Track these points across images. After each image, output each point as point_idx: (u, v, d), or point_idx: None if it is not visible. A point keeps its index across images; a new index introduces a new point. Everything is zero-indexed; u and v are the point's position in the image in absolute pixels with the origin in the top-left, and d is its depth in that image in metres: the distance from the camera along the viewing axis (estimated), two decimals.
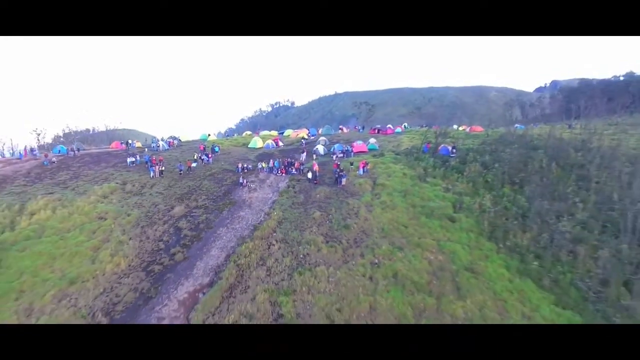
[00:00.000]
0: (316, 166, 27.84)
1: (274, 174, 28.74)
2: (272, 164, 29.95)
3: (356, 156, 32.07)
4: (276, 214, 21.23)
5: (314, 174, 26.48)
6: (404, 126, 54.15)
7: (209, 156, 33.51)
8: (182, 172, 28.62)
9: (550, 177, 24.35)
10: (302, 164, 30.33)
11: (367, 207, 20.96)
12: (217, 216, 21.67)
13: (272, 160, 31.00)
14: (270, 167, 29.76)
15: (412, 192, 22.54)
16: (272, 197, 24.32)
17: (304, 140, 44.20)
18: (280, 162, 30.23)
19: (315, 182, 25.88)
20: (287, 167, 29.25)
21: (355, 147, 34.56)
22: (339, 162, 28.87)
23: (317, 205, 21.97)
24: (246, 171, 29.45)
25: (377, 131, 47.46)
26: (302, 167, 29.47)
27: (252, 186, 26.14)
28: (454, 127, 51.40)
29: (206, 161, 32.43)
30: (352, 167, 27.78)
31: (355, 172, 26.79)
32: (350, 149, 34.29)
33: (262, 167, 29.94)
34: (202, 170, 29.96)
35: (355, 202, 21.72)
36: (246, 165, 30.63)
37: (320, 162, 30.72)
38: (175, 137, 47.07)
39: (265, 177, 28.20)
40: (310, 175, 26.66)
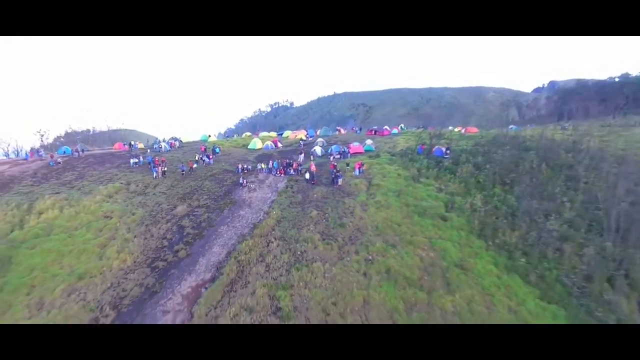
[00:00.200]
0: (314, 167, 28.35)
1: (273, 175, 29.25)
2: (271, 165, 30.46)
3: (353, 157, 32.58)
4: (275, 213, 21.75)
5: (312, 174, 26.95)
6: (401, 127, 54.65)
7: (210, 157, 34.07)
8: (184, 173, 29.23)
9: (540, 178, 24.88)
10: (300, 165, 30.80)
11: (362, 207, 21.55)
12: (218, 215, 22.25)
13: (271, 161, 31.50)
14: (269, 168, 30.30)
15: (406, 192, 23.10)
16: (271, 196, 24.82)
17: (302, 141, 44.71)
18: (279, 163, 30.71)
19: (312, 182, 26.35)
20: (285, 168, 29.77)
21: (351, 149, 35.06)
22: (336, 163, 29.38)
23: (314, 204, 22.53)
24: (246, 172, 29.99)
25: (373, 132, 47.89)
26: (300, 167, 29.94)
27: (252, 186, 26.68)
28: (449, 128, 52.00)
29: (207, 162, 32.99)
30: (349, 167, 28.24)
31: (351, 172, 27.33)
32: (347, 150, 34.77)
33: (262, 168, 30.49)
34: (204, 170, 30.56)
35: (350, 201, 22.31)
36: (246, 166, 31.19)
37: (317, 163, 31.24)
38: (176, 138, 47.62)
39: (264, 177, 28.75)
40: (307, 175, 27.11)
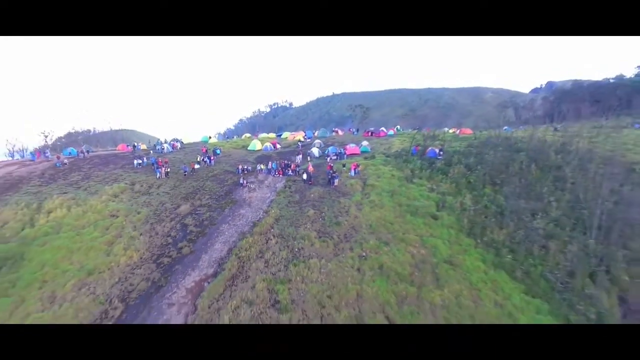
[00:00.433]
0: (311, 168, 28.98)
1: (272, 175, 29.89)
2: (270, 166, 31.10)
3: (349, 158, 33.31)
4: (274, 212, 22.39)
5: (309, 175, 27.55)
6: (397, 129, 55.40)
7: (211, 158, 34.68)
8: (186, 174, 29.95)
9: (529, 178, 25.57)
10: (298, 166, 31.53)
11: (357, 206, 22.25)
12: (219, 214, 22.97)
13: (270, 162, 32.12)
14: (268, 169, 30.94)
15: (399, 192, 23.83)
16: (270, 196, 25.43)
17: (300, 142, 45.35)
18: (277, 164, 31.36)
19: (310, 182, 26.98)
20: (284, 169, 30.45)
21: (348, 150, 35.74)
22: (332, 164, 30.07)
23: (311, 204, 23.20)
24: (246, 172, 30.62)
25: (370, 134, 48.58)
26: (298, 168, 30.64)
27: (252, 186, 27.32)
28: (444, 129, 52.71)
29: (208, 163, 33.64)
30: (345, 168, 28.92)
31: (347, 173, 28.00)
32: (343, 151, 35.43)
33: (261, 169, 31.17)
34: (205, 171, 31.22)
35: (346, 201, 23.00)
36: (246, 167, 31.81)
37: (315, 164, 31.89)
38: (177, 140, 48.14)
39: (263, 178, 29.39)
40: (305, 176, 27.69)
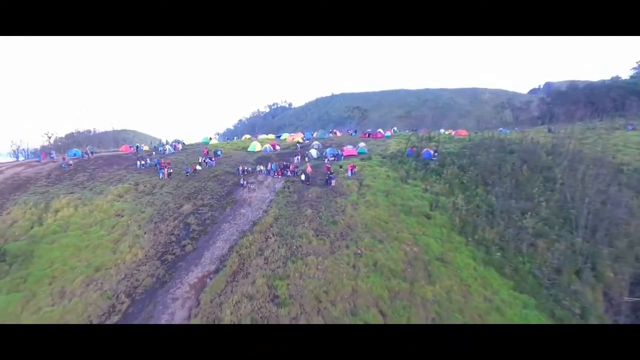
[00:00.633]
0: (309, 168, 29.68)
1: (271, 176, 30.52)
2: (270, 167, 31.76)
3: (346, 159, 33.96)
4: (273, 211, 23.00)
5: (307, 176, 28.21)
6: (394, 130, 56.25)
7: (212, 159, 35.34)
8: (188, 174, 30.59)
9: (520, 179, 26.30)
10: (297, 167, 32.22)
11: (353, 206, 22.93)
12: (221, 213, 23.68)
13: (269, 163, 32.78)
14: (267, 170, 31.58)
15: (394, 192, 24.49)
16: (269, 196, 26.05)
17: (299, 144, 46.10)
18: (277, 165, 32.04)
19: (308, 183, 27.62)
20: (283, 170, 31.09)
21: (345, 151, 36.43)
22: (330, 165, 30.74)
23: (309, 203, 23.85)
24: (246, 173, 31.23)
25: (367, 135, 49.35)
26: (296, 169, 31.33)
27: (252, 187, 27.96)
28: (440, 131, 53.54)
29: (210, 164, 34.26)
30: (342, 169, 29.49)
31: (344, 174, 28.64)
32: (340, 152, 36.14)
33: (261, 170, 31.79)
34: (206, 172, 31.85)
35: (342, 201, 23.71)
36: (246, 167, 32.40)
37: (313, 164, 32.55)
38: (179, 141, 48.90)
39: (263, 178, 30.03)
40: (303, 177, 28.30)
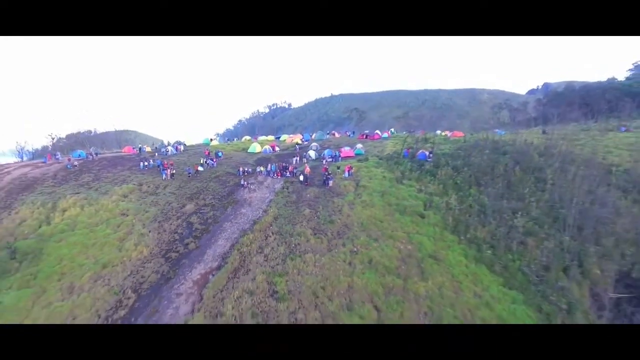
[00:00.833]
0: (308, 169, 30.30)
1: (271, 177, 31.17)
2: (269, 168, 32.40)
3: (343, 161, 34.67)
4: (272, 211, 23.59)
5: (305, 176, 28.85)
6: (391, 131, 56.84)
7: (214, 160, 35.99)
8: (190, 175, 31.22)
9: (512, 179, 26.95)
10: (296, 168, 32.86)
11: (350, 205, 23.57)
12: (222, 213, 24.34)
13: (269, 164, 33.43)
14: (267, 171, 32.22)
15: (390, 192, 25.17)
16: (269, 196, 26.67)
17: (298, 145, 46.68)
18: (276, 166, 32.69)
19: (306, 183, 28.25)
20: (282, 171, 31.75)
21: (342, 153, 37.10)
22: (328, 166, 31.41)
23: (307, 203, 24.49)
24: (246, 174, 31.82)
25: (365, 136, 49.99)
26: (295, 170, 31.97)
27: (252, 187, 28.61)
28: (437, 132, 54.15)
29: (211, 165, 34.87)
30: (339, 170, 30.16)
31: (341, 175, 29.30)
32: (338, 154, 36.79)
33: (261, 171, 32.44)
34: (208, 173, 32.47)
35: (339, 201, 24.34)
36: (246, 168, 32.96)
37: (311, 165, 33.17)
38: (180, 142, 49.49)
39: (263, 179, 30.68)
40: (302, 177, 28.98)
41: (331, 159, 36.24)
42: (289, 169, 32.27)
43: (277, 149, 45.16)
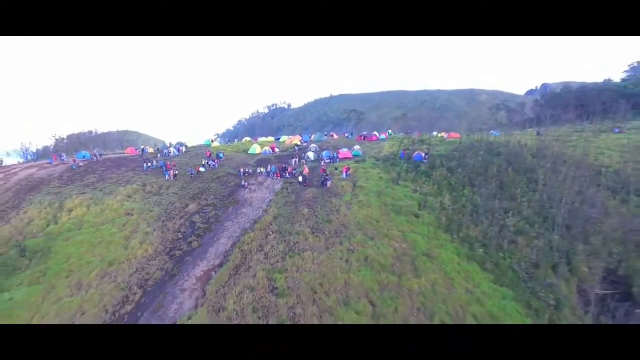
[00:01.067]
0: (306, 170, 30.92)
1: (271, 178, 31.73)
2: (269, 169, 32.98)
3: (341, 162, 35.23)
4: (272, 210, 24.16)
5: (304, 177, 29.46)
6: (388, 133, 57.38)
7: (215, 162, 36.63)
8: (192, 176, 31.82)
9: (504, 180, 27.61)
10: (295, 169, 33.46)
11: (347, 205, 24.18)
12: (224, 212, 24.96)
13: (269, 165, 34.00)
14: (267, 172, 32.80)
15: (385, 193, 25.81)
16: (269, 196, 27.24)
17: (297, 146, 47.18)
18: (276, 167, 33.28)
19: (305, 184, 28.83)
20: (281, 172, 32.32)
21: (340, 154, 37.67)
22: (326, 167, 32.06)
23: (305, 203, 25.10)
24: (247, 175, 32.37)
25: (363, 138, 50.48)
26: (294, 171, 32.57)
27: (252, 188, 29.21)
28: (433, 133, 54.76)
29: (212, 166, 35.49)
30: (337, 171, 30.81)
31: (339, 176, 29.91)
32: (336, 155, 37.38)
33: (261, 172, 33.02)
34: (210, 174, 33.04)
35: (337, 201, 24.97)
36: (247, 169, 33.51)
37: (310, 166, 33.70)
38: (182, 144, 49.94)
39: (263, 180, 31.25)
40: (301, 178, 29.56)
41: (329, 160, 36.80)
42: (288, 169, 32.82)
43: (276, 150, 45.66)
